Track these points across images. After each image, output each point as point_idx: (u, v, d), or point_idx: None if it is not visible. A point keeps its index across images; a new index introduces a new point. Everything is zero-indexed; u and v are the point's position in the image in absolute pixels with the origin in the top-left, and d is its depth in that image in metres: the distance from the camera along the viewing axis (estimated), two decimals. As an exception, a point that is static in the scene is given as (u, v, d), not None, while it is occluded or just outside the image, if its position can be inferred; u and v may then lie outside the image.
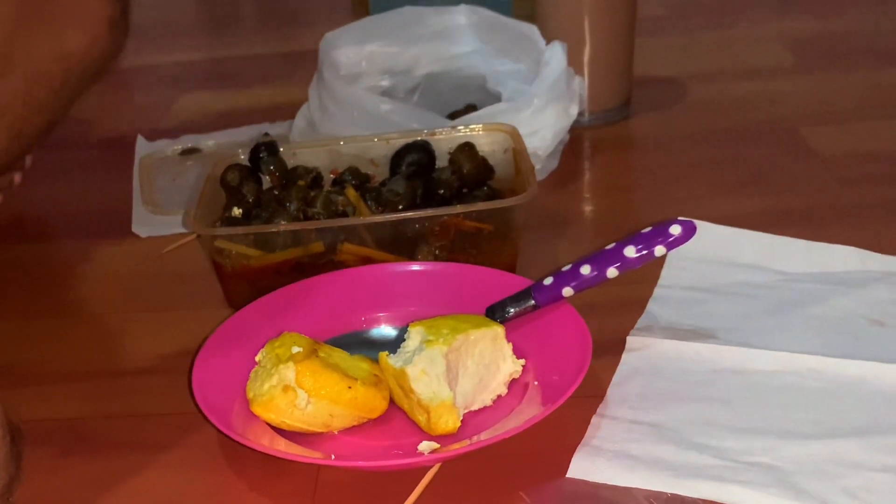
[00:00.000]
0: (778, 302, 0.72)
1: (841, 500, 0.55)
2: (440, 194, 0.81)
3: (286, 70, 1.27)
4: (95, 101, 1.26)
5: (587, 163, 1.00)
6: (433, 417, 0.60)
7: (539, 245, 0.82)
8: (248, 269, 0.76)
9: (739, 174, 0.92)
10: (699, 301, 0.73)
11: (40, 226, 0.96)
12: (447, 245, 0.76)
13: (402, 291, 0.73)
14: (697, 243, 0.67)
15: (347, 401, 0.60)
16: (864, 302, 0.71)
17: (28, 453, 0.64)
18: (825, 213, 0.84)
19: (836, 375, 0.64)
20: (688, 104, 1.08)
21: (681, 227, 0.64)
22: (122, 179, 1.00)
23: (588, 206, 0.93)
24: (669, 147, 0.99)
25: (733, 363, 0.66)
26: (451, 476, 0.59)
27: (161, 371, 0.71)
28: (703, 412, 0.62)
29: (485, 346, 0.64)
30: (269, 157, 0.84)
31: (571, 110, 0.94)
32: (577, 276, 0.66)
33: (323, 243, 0.75)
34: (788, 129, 1.00)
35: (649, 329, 0.70)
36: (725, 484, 0.56)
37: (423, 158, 0.84)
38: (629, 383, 0.65)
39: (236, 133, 1.07)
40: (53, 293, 0.84)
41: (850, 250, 0.76)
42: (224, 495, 0.60)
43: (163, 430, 0.66)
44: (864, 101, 1.05)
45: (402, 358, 0.62)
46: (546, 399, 0.62)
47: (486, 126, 0.86)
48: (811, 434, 0.60)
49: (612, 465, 0.58)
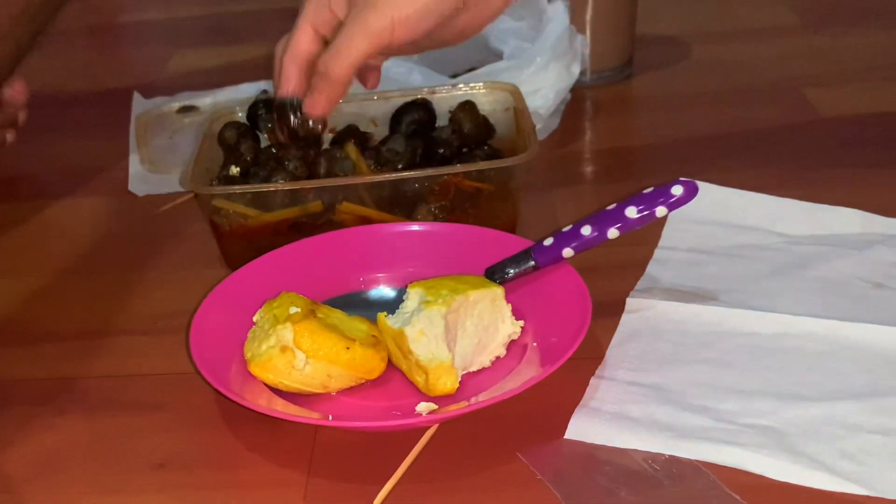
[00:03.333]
0: (779, 264, 0.72)
1: (839, 463, 0.55)
2: (440, 153, 0.80)
3: (286, 26, 1.26)
4: (91, 58, 1.26)
5: (589, 122, 0.99)
6: (431, 378, 0.60)
7: (539, 205, 0.82)
8: (245, 228, 0.75)
9: (742, 135, 0.92)
10: (700, 263, 0.73)
11: (35, 184, 0.96)
12: (447, 205, 0.75)
13: (401, 252, 0.72)
14: (699, 204, 0.66)
15: (345, 361, 0.60)
16: (865, 264, 0.71)
17: (23, 412, 0.64)
18: (827, 174, 0.84)
19: (836, 338, 0.64)
20: (690, 64, 1.07)
21: (683, 188, 0.64)
22: (118, 137, 0.99)
23: (589, 166, 0.93)
24: (671, 107, 0.99)
25: (733, 325, 0.66)
26: (449, 437, 0.59)
27: (158, 331, 0.71)
28: (703, 374, 0.62)
29: (484, 307, 0.63)
30: (267, 115, 0.84)
31: (573, 69, 0.93)
32: (577, 236, 0.66)
33: (321, 202, 0.75)
34: (792, 89, 0.99)
35: (649, 291, 0.70)
36: (724, 446, 0.56)
37: (423, 117, 0.83)
38: (628, 345, 0.65)
39: (234, 90, 1.06)
40: (49, 252, 0.83)
41: (852, 212, 0.76)
42: (221, 455, 0.60)
43: (160, 391, 0.66)
44: (869, 61, 1.04)
45: (401, 319, 0.62)
46: (545, 360, 0.62)
47: (487, 84, 0.85)
48: (810, 396, 0.60)
49: (611, 426, 0.58)
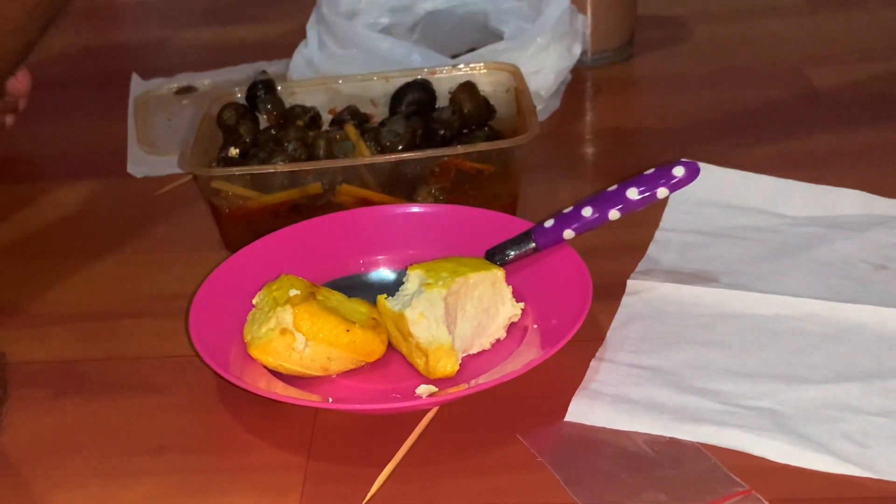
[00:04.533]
0: (781, 246, 0.71)
1: (841, 445, 0.55)
2: (440, 134, 0.80)
3: (284, 7, 1.25)
4: (90, 39, 1.25)
5: (589, 103, 0.98)
6: (431, 361, 0.60)
7: (540, 186, 0.82)
8: (244, 210, 0.75)
9: (744, 116, 0.91)
10: (701, 244, 0.72)
11: (33, 166, 0.96)
12: (447, 186, 0.75)
13: (401, 234, 0.72)
14: (700, 186, 0.66)
15: (345, 344, 0.60)
16: (867, 246, 0.70)
17: (24, 394, 0.64)
18: (830, 155, 0.83)
19: (837, 320, 0.64)
20: (691, 45, 1.07)
21: (684, 169, 0.64)
22: (116, 119, 0.99)
23: (590, 148, 0.92)
24: (673, 87, 0.98)
25: (734, 307, 0.66)
26: (449, 420, 0.59)
27: (157, 313, 0.71)
28: (703, 356, 0.62)
29: (484, 289, 0.63)
30: (266, 96, 0.83)
31: (574, 50, 0.92)
32: (578, 218, 0.66)
33: (321, 184, 0.74)
34: (794, 69, 0.98)
35: (650, 272, 0.70)
36: (724, 428, 0.56)
37: (423, 98, 0.82)
38: (629, 327, 0.65)
39: (233, 71, 1.06)
40: (49, 235, 0.83)
41: (854, 193, 0.76)
42: (222, 438, 0.60)
43: (159, 373, 0.65)
44: (871, 41, 1.03)
45: (401, 301, 0.62)
46: (545, 343, 0.62)
47: (488, 65, 0.85)
48: (812, 378, 0.60)
49: (611, 408, 0.58)
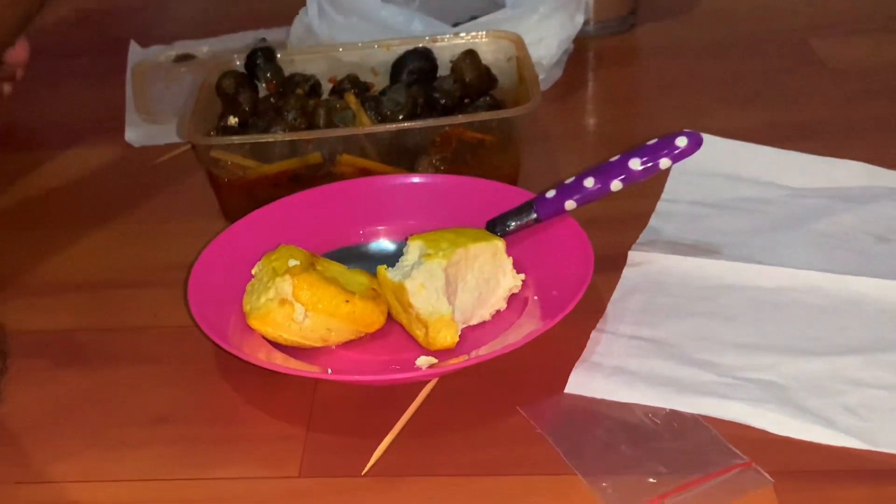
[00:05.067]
0: (783, 217, 0.71)
1: (841, 417, 0.55)
2: (442, 104, 0.79)
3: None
4: (87, 6, 1.24)
5: (592, 73, 0.98)
6: (431, 332, 0.60)
7: (542, 157, 0.81)
8: (244, 180, 0.74)
9: (746, 86, 0.90)
10: (703, 216, 0.72)
11: (32, 135, 0.95)
12: (448, 156, 0.74)
13: (402, 204, 0.72)
14: (703, 157, 0.66)
15: (345, 315, 0.60)
16: (870, 218, 0.70)
17: (22, 365, 0.64)
18: (833, 127, 0.83)
19: (839, 292, 0.64)
20: (695, 14, 1.06)
21: (687, 139, 0.63)
22: (114, 87, 0.98)
23: (592, 118, 0.91)
24: (676, 58, 0.97)
25: (736, 279, 0.65)
26: (449, 391, 0.59)
27: (156, 283, 0.71)
28: (704, 328, 0.62)
29: (485, 260, 0.63)
30: (265, 64, 0.83)
31: (577, 18, 0.91)
32: (580, 188, 0.65)
33: (321, 154, 0.74)
34: (797, 40, 0.97)
35: (652, 244, 0.69)
36: (725, 400, 0.56)
37: (424, 66, 0.82)
38: (630, 298, 0.65)
39: (232, 39, 1.05)
40: (46, 204, 0.83)
41: (857, 165, 0.75)
42: (221, 409, 0.60)
43: (158, 344, 0.65)
44: (876, 12, 1.02)
45: (401, 272, 0.62)
46: (545, 314, 0.62)
47: (490, 33, 0.84)
48: (813, 351, 0.59)
49: (611, 380, 0.58)
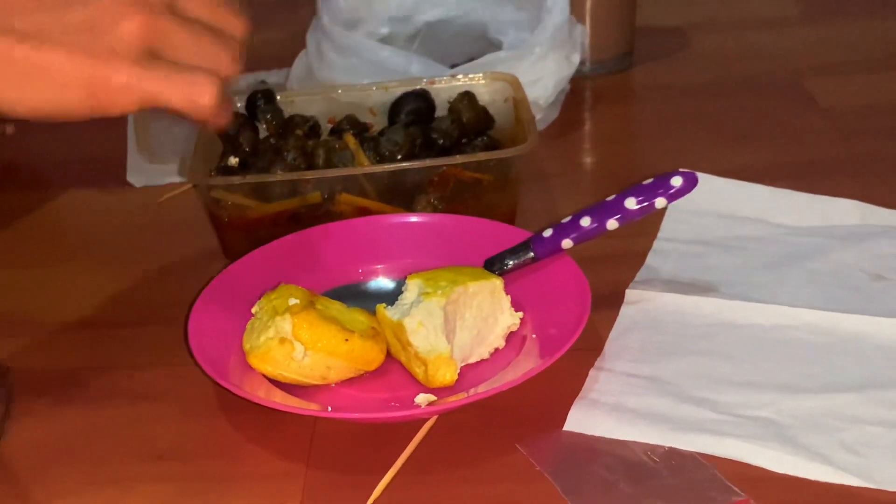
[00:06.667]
0: (778, 256, 0.72)
1: (839, 455, 0.55)
2: (439, 144, 0.80)
3: (284, 15, 1.25)
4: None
5: (588, 113, 0.99)
6: (430, 370, 0.60)
7: (539, 196, 0.82)
8: (244, 219, 0.75)
9: (741, 126, 0.91)
10: (699, 254, 0.73)
11: (34, 174, 0.95)
12: (446, 196, 0.75)
13: (400, 243, 0.72)
14: (698, 196, 0.66)
15: (344, 353, 0.60)
16: (864, 256, 0.71)
17: (23, 403, 0.64)
18: (827, 166, 0.84)
19: (836, 330, 0.64)
20: (690, 54, 1.07)
21: (682, 179, 0.64)
22: (116, 126, 0.99)
23: (589, 157, 0.92)
24: (671, 98, 0.98)
25: (733, 317, 0.66)
26: (448, 429, 0.59)
27: (157, 322, 0.71)
28: (702, 366, 0.62)
29: (483, 298, 0.63)
30: (265, 106, 0.83)
31: (573, 59, 0.93)
32: (576, 227, 0.66)
33: (320, 193, 0.74)
34: (791, 80, 0.98)
35: (649, 282, 0.70)
36: (723, 438, 0.56)
37: (422, 107, 0.83)
38: (628, 336, 0.65)
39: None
40: (48, 242, 0.83)
41: (851, 204, 0.76)
42: (221, 446, 0.60)
43: (158, 381, 0.65)
44: (869, 52, 1.03)
45: (400, 310, 0.62)
46: (544, 352, 0.62)
47: (487, 75, 0.85)
48: (810, 388, 0.60)
49: (610, 418, 0.58)
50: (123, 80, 0.50)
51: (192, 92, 0.51)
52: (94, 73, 0.49)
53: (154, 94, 0.51)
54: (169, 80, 0.51)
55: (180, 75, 0.51)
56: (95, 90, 0.50)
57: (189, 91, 0.51)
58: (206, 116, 0.53)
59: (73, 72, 0.49)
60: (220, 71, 0.53)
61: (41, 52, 0.49)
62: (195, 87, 0.51)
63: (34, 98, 0.50)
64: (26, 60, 0.49)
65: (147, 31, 0.50)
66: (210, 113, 0.52)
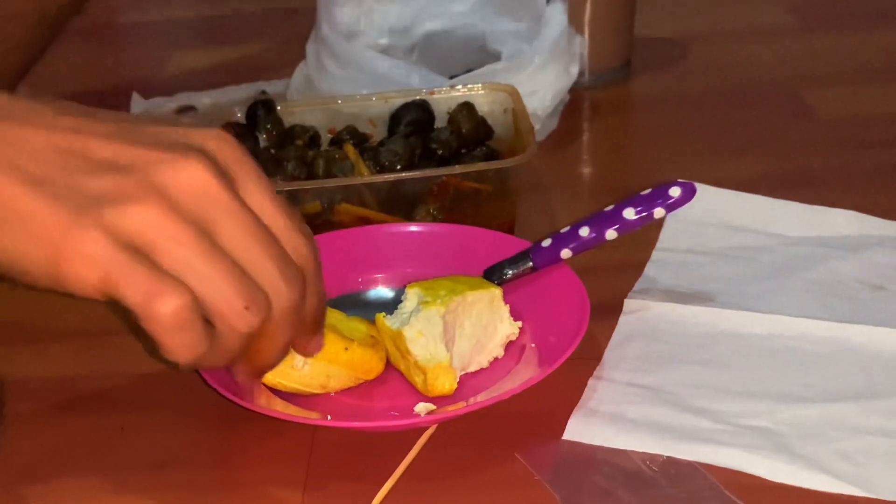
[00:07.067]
0: (777, 265, 0.72)
1: (837, 464, 0.55)
2: (439, 154, 0.80)
3: (284, 27, 1.26)
4: (90, 58, 1.26)
5: (587, 123, 0.99)
6: (430, 379, 0.60)
7: (537, 206, 0.82)
8: (244, 228, 0.75)
9: (740, 136, 0.92)
10: (698, 264, 0.73)
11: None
12: (445, 206, 0.75)
13: (400, 252, 0.72)
14: (697, 206, 0.67)
15: (344, 362, 0.60)
16: (863, 266, 0.71)
17: (23, 410, 0.64)
18: (825, 176, 0.84)
19: (834, 339, 0.64)
20: (689, 65, 1.07)
21: (680, 189, 0.64)
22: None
23: (587, 167, 0.93)
24: (669, 108, 0.99)
25: (731, 326, 0.66)
26: (448, 437, 0.59)
27: (157, 330, 0.71)
28: (700, 375, 0.62)
29: (482, 307, 0.63)
30: (265, 116, 0.84)
31: (572, 70, 0.93)
32: (575, 237, 0.66)
33: (320, 203, 0.75)
34: (790, 91, 0.99)
35: (647, 292, 0.70)
36: (721, 447, 0.56)
37: (421, 118, 0.83)
38: (626, 346, 0.65)
39: (233, 91, 1.06)
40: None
41: (849, 214, 0.76)
42: (221, 454, 0.60)
43: (159, 390, 0.66)
44: (867, 63, 1.04)
45: (399, 319, 0.62)
46: (543, 361, 0.62)
47: (486, 85, 0.85)
48: (808, 398, 0.60)
49: (609, 427, 0.58)
50: (90, 251, 0.44)
51: (150, 291, 0.44)
52: (65, 234, 0.44)
53: (114, 280, 0.44)
54: (133, 270, 0.44)
55: (148, 272, 0.44)
56: (59, 253, 0.44)
57: (147, 289, 0.44)
58: (164, 333, 0.45)
59: (47, 225, 0.44)
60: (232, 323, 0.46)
61: (29, 198, 0.45)
62: (157, 287, 0.44)
63: (2, 241, 0.45)
64: (10, 201, 0.45)
65: (154, 226, 0.45)
66: (168, 330, 0.45)
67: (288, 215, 0.50)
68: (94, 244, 0.44)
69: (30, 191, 0.45)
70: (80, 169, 0.46)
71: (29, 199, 0.45)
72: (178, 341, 0.46)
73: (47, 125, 0.47)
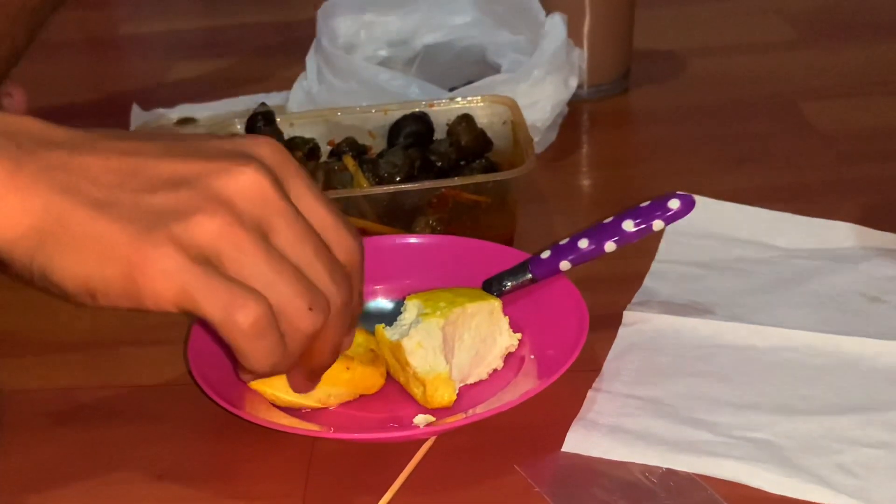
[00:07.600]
0: (776, 278, 0.72)
1: (836, 476, 0.55)
2: (438, 166, 0.80)
3: (284, 39, 1.26)
4: (90, 69, 1.26)
5: (585, 136, 0.99)
6: (429, 390, 0.60)
7: (537, 218, 0.82)
8: (243, 239, 0.75)
9: (738, 149, 0.92)
10: (697, 276, 0.73)
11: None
12: (444, 217, 0.75)
13: (399, 264, 0.72)
14: (696, 218, 0.67)
15: (345, 381, 0.60)
16: (861, 278, 0.71)
17: (21, 423, 0.64)
18: (824, 188, 0.84)
19: (833, 352, 0.64)
20: (687, 78, 1.08)
21: (679, 202, 0.64)
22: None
23: (586, 180, 0.93)
24: (668, 121, 0.99)
25: (730, 339, 0.66)
26: (447, 449, 0.59)
27: (156, 341, 0.71)
28: (699, 387, 0.62)
29: (481, 319, 0.63)
30: (265, 128, 0.84)
31: (570, 82, 0.93)
32: (574, 249, 0.66)
33: (319, 215, 0.75)
34: (788, 103, 0.99)
35: (646, 304, 0.70)
36: (720, 459, 0.56)
37: (421, 130, 0.83)
38: (625, 358, 0.65)
39: (233, 103, 1.06)
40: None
41: (848, 227, 0.76)
42: (220, 466, 0.60)
43: (158, 401, 0.66)
44: (865, 76, 1.04)
45: (399, 330, 0.62)
46: (542, 373, 0.62)
47: (485, 97, 0.85)
48: (807, 410, 0.60)
49: (608, 439, 0.58)
50: (165, 267, 0.45)
51: (229, 303, 0.46)
52: (138, 252, 0.45)
53: (190, 294, 0.46)
54: (209, 283, 0.46)
55: (224, 284, 0.46)
56: (134, 270, 0.46)
57: (227, 301, 0.46)
58: (245, 342, 0.47)
59: (118, 244, 0.46)
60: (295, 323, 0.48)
61: (96, 221, 0.46)
62: (235, 299, 0.46)
63: (74, 266, 0.46)
64: (79, 226, 0.46)
65: (221, 236, 0.46)
66: (249, 339, 0.47)
67: (336, 216, 0.52)
68: (168, 259, 0.46)
69: (97, 214, 0.46)
70: (141, 188, 0.47)
71: (97, 221, 0.46)
72: (258, 348, 0.47)
73: (99, 150, 0.48)
